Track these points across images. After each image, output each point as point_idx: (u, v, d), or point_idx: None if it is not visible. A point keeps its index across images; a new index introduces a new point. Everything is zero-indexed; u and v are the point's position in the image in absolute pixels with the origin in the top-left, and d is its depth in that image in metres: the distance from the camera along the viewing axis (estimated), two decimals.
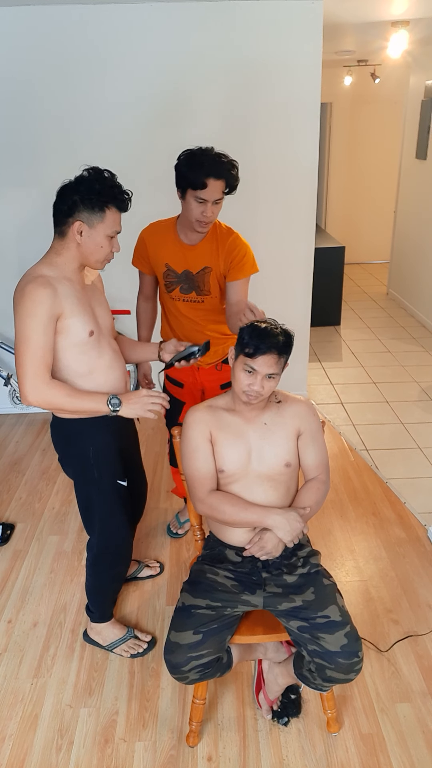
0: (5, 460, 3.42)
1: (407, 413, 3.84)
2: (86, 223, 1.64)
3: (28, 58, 3.17)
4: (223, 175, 1.98)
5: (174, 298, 2.25)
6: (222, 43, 3.17)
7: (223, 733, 1.85)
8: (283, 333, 1.62)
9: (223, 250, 2.15)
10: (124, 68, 3.21)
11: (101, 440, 1.84)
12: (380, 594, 2.36)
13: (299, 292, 3.77)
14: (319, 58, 3.23)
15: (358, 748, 1.79)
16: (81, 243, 1.66)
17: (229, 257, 2.15)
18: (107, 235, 1.67)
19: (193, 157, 1.99)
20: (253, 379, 1.61)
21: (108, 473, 1.88)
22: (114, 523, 1.94)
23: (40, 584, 2.46)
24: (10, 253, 3.60)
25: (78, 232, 1.64)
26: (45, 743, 1.83)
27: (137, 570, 2.47)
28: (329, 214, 7.76)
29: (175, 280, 2.21)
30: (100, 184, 1.62)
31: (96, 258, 1.71)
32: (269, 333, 1.59)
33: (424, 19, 3.96)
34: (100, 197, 1.61)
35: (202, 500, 1.69)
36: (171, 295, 2.25)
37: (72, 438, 1.85)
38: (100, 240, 1.66)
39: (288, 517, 1.63)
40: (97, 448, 1.85)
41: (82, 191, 1.61)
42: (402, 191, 6.02)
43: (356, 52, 5.60)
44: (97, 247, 1.67)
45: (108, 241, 1.68)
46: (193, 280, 2.20)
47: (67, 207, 1.63)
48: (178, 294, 2.23)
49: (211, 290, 2.21)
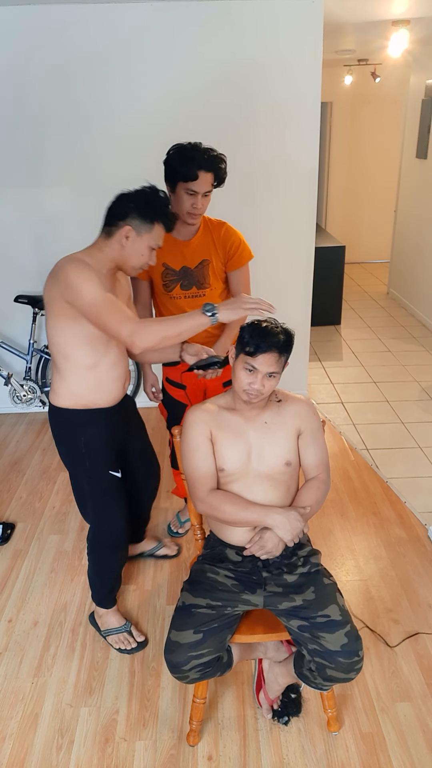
0: (5, 460, 3.42)
1: (407, 413, 3.84)
2: (135, 230, 1.75)
3: (28, 58, 3.17)
4: (213, 168, 2.07)
5: (175, 296, 2.25)
6: (222, 43, 3.17)
7: (224, 733, 1.85)
8: (283, 332, 1.63)
9: (219, 241, 2.23)
10: (124, 67, 3.21)
11: (92, 430, 1.90)
12: (380, 593, 2.36)
13: (299, 292, 3.77)
14: (319, 58, 3.22)
15: (359, 748, 1.79)
16: (125, 246, 1.77)
17: (226, 247, 2.24)
18: (149, 246, 1.78)
19: (183, 150, 2.05)
20: (254, 378, 1.61)
21: (99, 464, 1.93)
22: (106, 514, 2.00)
23: (41, 584, 2.46)
24: (9, 253, 3.60)
25: (125, 236, 1.75)
26: (45, 742, 1.83)
27: (155, 548, 2.55)
28: (329, 213, 7.76)
29: (174, 278, 2.23)
30: (156, 200, 1.77)
31: (132, 264, 1.81)
32: (270, 332, 1.60)
33: (424, 19, 3.95)
34: (153, 211, 1.75)
35: (203, 499, 1.69)
36: (171, 294, 2.25)
37: (64, 425, 1.91)
38: (142, 248, 1.78)
39: (288, 516, 1.64)
40: (88, 437, 1.90)
41: (140, 201, 1.75)
42: (402, 191, 6.02)
43: (356, 52, 5.59)
44: (138, 254, 1.78)
45: (148, 252, 1.80)
46: (192, 275, 2.23)
47: (122, 211, 1.75)
48: (179, 291, 2.24)
49: (211, 283, 2.26)
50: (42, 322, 3.80)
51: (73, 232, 3.53)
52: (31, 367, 3.73)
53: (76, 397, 1.86)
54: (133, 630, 2.17)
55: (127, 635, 2.14)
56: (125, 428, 2.07)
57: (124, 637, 2.14)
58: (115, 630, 2.15)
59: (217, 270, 2.25)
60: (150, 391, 2.42)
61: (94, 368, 1.83)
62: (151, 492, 2.31)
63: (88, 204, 3.49)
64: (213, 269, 2.24)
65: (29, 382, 3.75)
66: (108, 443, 1.95)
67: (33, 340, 3.68)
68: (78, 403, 1.87)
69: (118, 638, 2.14)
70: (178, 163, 2.04)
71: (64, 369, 1.83)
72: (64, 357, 1.81)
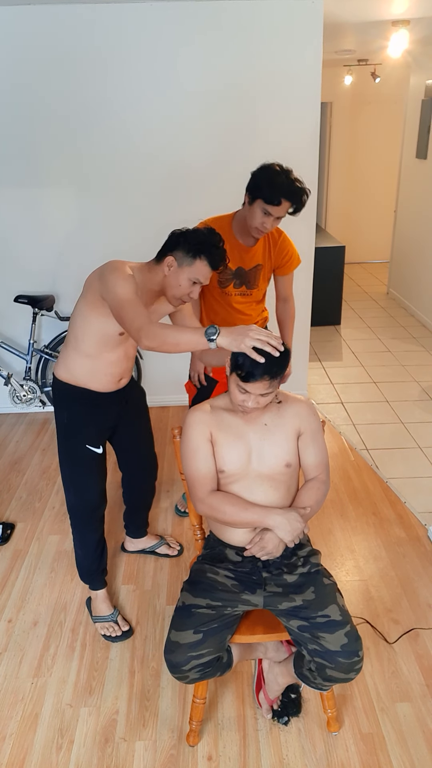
0: (5, 460, 3.42)
1: (407, 413, 3.84)
2: (177, 261, 1.84)
3: (27, 58, 3.16)
4: (296, 200, 2.13)
5: (228, 293, 2.41)
6: (222, 43, 3.17)
7: (224, 733, 1.85)
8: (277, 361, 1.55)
9: (275, 250, 2.40)
10: (123, 67, 3.21)
11: (77, 406, 2.06)
12: (380, 593, 2.37)
13: (299, 292, 3.75)
14: (319, 58, 3.22)
15: (358, 748, 1.79)
16: (167, 275, 1.87)
17: (280, 256, 2.42)
18: (189, 279, 1.85)
19: (276, 175, 2.11)
20: (247, 397, 1.62)
21: (77, 436, 2.07)
22: (77, 482, 2.14)
23: (40, 584, 2.46)
24: (9, 253, 3.60)
25: (168, 265, 1.85)
26: (45, 742, 1.83)
27: (156, 545, 2.60)
28: (329, 213, 7.76)
29: (229, 277, 2.37)
30: (203, 238, 1.84)
31: (173, 293, 1.89)
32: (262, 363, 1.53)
33: (424, 19, 3.95)
34: (197, 246, 1.83)
35: (203, 500, 1.69)
36: (225, 290, 2.40)
37: (56, 395, 2.08)
38: (181, 279, 1.85)
39: (288, 517, 1.64)
40: (72, 411, 2.06)
41: (188, 236, 1.85)
42: (402, 191, 6.02)
43: (356, 52, 5.59)
44: (176, 284, 1.86)
45: (187, 284, 1.86)
46: (245, 275, 2.39)
47: (172, 243, 1.87)
48: (232, 289, 2.40)
49: (259, 284, 2.44)
50: (42, 322, 3.80)
51: (74, 231, 3.53)
52: (30, 367, 3.73)
53: (70, 374, 2.02)
54: (120, 620, 2.24)
55: (113, 623, 2.22)
56: (118, 412, 2.17)
57: (109, 626, 2.22)
58: (102, 618, 2.24)
59: (267, 273, 2.45)
60: (195, 377, 2.54)
61: (95, 359, 1.98)
62: (145, 478, 2.42)
63: (89, 204, 3.49)
64: (264, 273, 2.42)
65: (29, 382, 3.75)
66: (92, 422, 2.08)
67: (33, 340, 3.68)
68: (71, 380, 2.02)
69: (103, 626, 2.22)
70: (266, 183, 2.10)
71: (71, 347, 2.00)
72: (74, 337, 1.97)
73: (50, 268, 3.65)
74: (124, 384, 2.12)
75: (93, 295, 1.86)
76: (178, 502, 2.91)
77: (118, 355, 2.01)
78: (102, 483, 2.19)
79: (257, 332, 1.53)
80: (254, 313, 2.51)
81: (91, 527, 2.20)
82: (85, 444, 2.08)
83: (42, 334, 3.83)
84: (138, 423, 2.31)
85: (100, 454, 2.14)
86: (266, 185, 2.10)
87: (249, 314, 2.48)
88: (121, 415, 2.19)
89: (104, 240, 3.55)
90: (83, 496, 2.15)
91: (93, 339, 1.94)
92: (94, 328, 1.91)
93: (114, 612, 2.25)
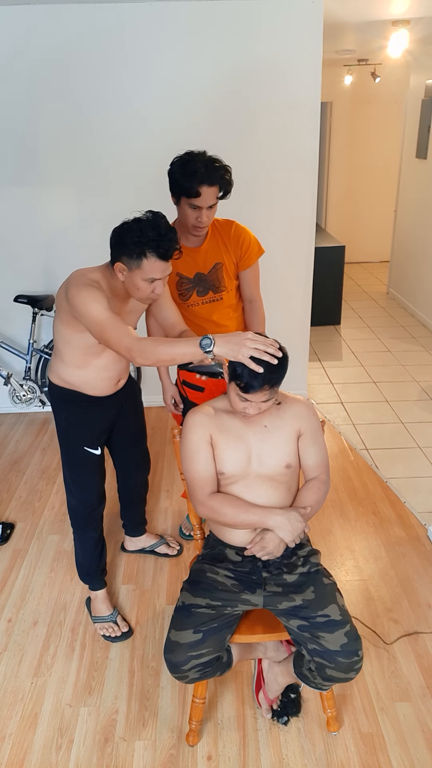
0: (5, 460, 3.42)
1: (407, 413, 3.84)
2: (126, 265, 1.73)
3: (27, 58, 3.16)
4: (217, 181, 1.98)
5: (192, 304, 2.22)
6: (222, 42, 3.17)
7: (223, 733, 1.85)
8: (276, 368, 1.53)
9: (230, 241, 2.18)
10: (123, 67, 3.21)
11: (73, 408, 2.04)
12: (380, 593, 2.37)
13: (299, 292, 3.77)
14: (319, 58, 3.22)
15: (358, 748, 1.79)
16: (124, 280, 1.77)
17: (237, 245, 2.19)
18: (143, 279, 1.73)
19: (186, 164, 1.96)
20: (248, 405, 1.61)
21: (75, 438, 2.08)
22: (78, 483, 2.14)
23: (40, 583, 2.46)
24: (9, 253, 3.59)
25: (120, 271, 1.75)
26: (45, 742, 1.83)
27: (156, 544, 2.61)
28: (329, 213, 7.76)
29: (189, 286, 2.20)
30: (139, 234, 1.67)
31: (137, 297, 1.81)
32: (261, 373, 1.51)
33: (424, 19, 3.96)
34: (138, 247, 1.68)
35: (203, 503, 1.69)
36: (188, 302, 2.21)
37: (53, 401, 2.07)
38: (137, 282, 1.74)
39: (289, 517, 1.64)
40: (69, 414, 2.05)
41: (124, 237, 1.69)
42: (402, 190, 6.02)
43: (356, 52, 5.59)
44: (135, 288, 1.76)
45: (146, 285, 1.74)
46: (206, 280, 2.20)
47: (114, 248, 1.74)
48: (195, 299, 2.21)
49: (226, 285, 2.22)
50: (41, 321, 3.80)
51: (74, 231, 3.53)
52: (30, 366, 3.73)
53: (63, 381, 2.00)
54: (119, 620, 2.23)
55: (112, 624, 2.22)
56: (116, 413, 2.17)
57: (109, 626, 2.21)
58: (101, 618, 2.24)
59: (230, 270, 2.22)
60: (170, 402, 2.39)
61: (84, 368, 1.95)
62: (138, 472, 2.43)
63: (89, 203, 3.49)
64: (226, 271, 2.20)
65: (29, 382, 3.75)
66: (89, 424, 2.08)
67: (33, 340, 3.68)
68: (65, 385, 2.01)
69: (102, 626, 2.22)
70: (180, 177, 1.96)
71: (58, 359, 1.98)
72: (59, 351, 1.95)
73: (50, 267, 3.65)
74: (123, 384, 2.12)
75: (65, 314, 1.80)
76: (183, 525, 2.78)
77: (107, 359, 1.96)
78: (101, 483, 2.20)
79: (254, 340, 1.47)
80: (232, 324, 2.28)
81: (90, 527, 2.21)
82: (83, 446, 2.09)
83: (42, 334, 3.83)
84: (134, 420, 2.30)
85: (99, 455, 2.14)
86: (181, 178, 1.95)
87: (225, 324, 2.26)
88: (119, 415, 2.19)
89: (104, 240, 3.51)
90: (82, 496, 2.16)
91: (77, 352, 1.90)
92: (75, 343, 1.87)
93: (113, 612, 2.25)
